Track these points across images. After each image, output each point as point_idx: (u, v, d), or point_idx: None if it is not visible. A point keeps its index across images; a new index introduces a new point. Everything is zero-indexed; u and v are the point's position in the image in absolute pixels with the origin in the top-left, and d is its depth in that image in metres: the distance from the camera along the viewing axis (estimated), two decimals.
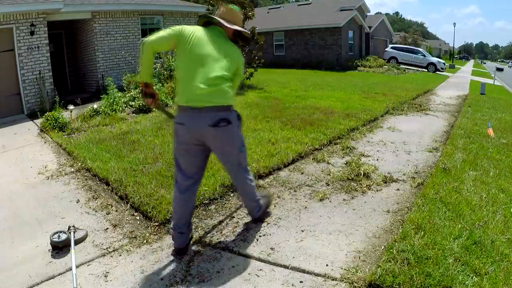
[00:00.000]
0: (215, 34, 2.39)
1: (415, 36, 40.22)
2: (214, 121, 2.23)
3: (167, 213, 2.96)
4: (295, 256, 2.40)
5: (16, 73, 7.98)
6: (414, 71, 21.26)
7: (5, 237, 2.87)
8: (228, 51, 2.38)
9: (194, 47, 2.29)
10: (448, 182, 3.42)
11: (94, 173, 4.01)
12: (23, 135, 6.16)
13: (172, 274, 2.30)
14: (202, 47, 2.30)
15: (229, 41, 2.45)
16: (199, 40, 2.31)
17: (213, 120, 2.23)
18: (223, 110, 2.28)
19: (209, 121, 2.23)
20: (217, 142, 2.35)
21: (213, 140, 2.32)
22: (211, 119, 2.23)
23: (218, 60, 2.29)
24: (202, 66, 2.26)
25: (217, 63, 2.28)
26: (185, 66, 2.30)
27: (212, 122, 2.23)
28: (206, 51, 2.29)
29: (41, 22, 8.20)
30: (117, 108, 7.15)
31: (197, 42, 2.30)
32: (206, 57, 2.28)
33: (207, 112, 2.23)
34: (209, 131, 2.25)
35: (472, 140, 4.94)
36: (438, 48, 58.55)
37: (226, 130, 2.30)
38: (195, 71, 2.26)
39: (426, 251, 2.29)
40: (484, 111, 7.51)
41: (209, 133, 2.27)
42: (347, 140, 5.01)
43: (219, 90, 2.26)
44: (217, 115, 2.24)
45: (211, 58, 2.28)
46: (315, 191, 3.41)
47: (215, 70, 2.26)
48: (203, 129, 2.25)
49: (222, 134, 2.30)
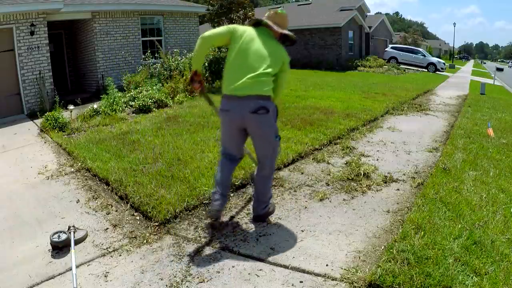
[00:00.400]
0: (264, 34, 2.65)
1: (415, 36, 40.22)
2: (254, 108, 2.48)
3: (167, 213, 2.96)
4: (295, 256, 2.40)
5: (16, 73, 7.98)
6: (414, 71, 21.27)
7: (5, 237, 2.87)
8: (274, 50, 2.61)
9: (245, 44, 2.56)
10: (448, 182, 3.43)
11: (94, 173, 4.01)
12: (23, 135, 6.16)
13: (172, 274, 2.30)
14: (252, 45, 2.57)
15: (276, 41, 2.69)
16: (250, 38, 2.59)
17: (253, 107, 2.47)
18: (262, 99, 2.50)
19: (250, 108, 2.48)
20: (256, 127, 2.59)
21: (253, 125, 2.57)
22: (252, 107, 2.48)
23: (265, 58, 2.54)
24: (250, 61, 2.53)
25: (264, 60, 2.53)
26: (234, 60, 2.57)
27: (252, 109, 2.47)
28: (255, 49, 2.56)
29: (41, 22, 8.20)
30: (117, 108, 7.15)
31: (248, 40, 2.58)
32: (254, 54, 2.54)
33: (248, 100, 2.48)
34: (250, 117, 2.50)
35: (472, 140, 4.94)
36: (438, 48, 58.56)
37: (264, 117, 2.53)
38: (243, 65, 2.53)
39: (426, 251, 2.29)
40: (484, 111, 7.51)
41: (249, 119, 2.52)
42: (347, 140, 5.01)
43: (261, 82, 2.51)
44: (257, 103, 2.48)
45: (258, 55, 2.54)
46: (315, 191, 3.41)
47: (261, 66, 2.51)
48: (244, 115, 2.51)
49: (260, 121, 2.53)
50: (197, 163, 4.00)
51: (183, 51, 10.86)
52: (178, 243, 2.66)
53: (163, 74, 9.37)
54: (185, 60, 9.83)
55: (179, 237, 2.74)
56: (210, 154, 4.28)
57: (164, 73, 9.41)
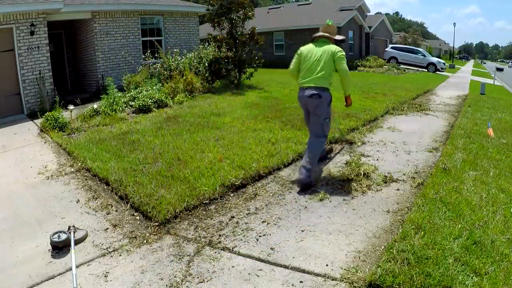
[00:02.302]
0: (319, 44, 3.74)
1: (415, 36, 40.17)
2: (310, 94, 3.59)
3: (167, 213, 2.96)
4: (295, 256, 2.40)
5: (16, 73, 7.97)
6: (414, 71, 21.26)
7: (5, 237, 2.87)
8: (324, 49, 3.64)
9: (305, 58, 3.72)
10: (448, 182, 3.42)
11: (94, 173, 4.01)
12: (23, 135, 6.16)
13: (172, 274, 2.30)
14: (312, 55, 3.69)
15: (328, 44, 3.70)
16: (308, 53, 3.73)
17: (309, 93, 3.59)
18: (316, 89, 3.57)
19: (308, 94, 3.60)
20: (311, 107, 3.66)
21: (310, 106, 3.67)
22: (309, 93, 3.60)
23: (318, 63, 3.60)
24: (309, 69, 3.65)
25: (317, 66, 3.60)
26: (302, 69, 3.73)
27: (308, 95, 3.60)
28: (313, 57, 3.66)
29: (41, 22, 8.20)
30: (117, 108, 7.15)
31: (307, 54, 3.73)
32: (311, 63, 3.65)
33: (308, 89, 3.62)
34: (308, 100, 3.64)
35: (472, 140, 4.94)
36: (438, 48, 58.54)
37: (316, 101, 3.57)
38: (305, 71, 3.68)
39: (426, 251, 2.29)
40: (484, 111, 7.50)
41: (308, 101, 3.65)
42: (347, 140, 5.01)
43: (316, 78, 3.60)
44: (312, 91, 3.58)
45: (314, 63, 3.62)
46: (315, 191, 3.41)
47: (315, 72, 3.60)
48: (306, 99, 3.65)
49: (314, 103, 3.60)
50: (197, 163, 4.00)
51: (183, 51, 10.86)
52: (178, 243, 2.66)
53: (163, 74, 9.37)
54: (185, 60, 9.83)
55: (179, 237, 2.74)
56: (210, 154, 4.28)
57: (164, 73, 9.40)
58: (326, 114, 3.65)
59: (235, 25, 10.47)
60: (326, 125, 3.69)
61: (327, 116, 3.66)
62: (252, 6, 10.84)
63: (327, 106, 3.64)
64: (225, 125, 5.69)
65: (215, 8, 10.41)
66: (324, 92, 3.60)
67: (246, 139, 4.84)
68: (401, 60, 23.37)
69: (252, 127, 5.53)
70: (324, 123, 3.66)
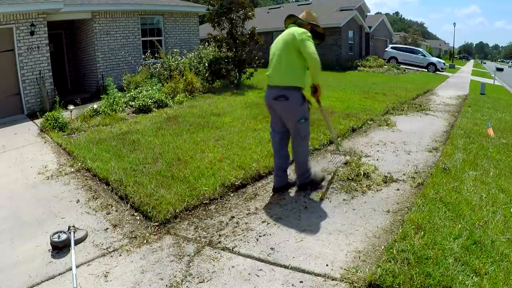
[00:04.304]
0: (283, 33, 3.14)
1: (415, 36, 40.15)
2: (274, 96, 3.07)
3: (167, 213, 2.96)
4: (295, 256, 2.40)
5: (16, 73, 7.98)
6: (414, 71, 21.25)
7: (5, 237, 2.87)
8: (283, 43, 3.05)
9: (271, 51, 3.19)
10: (448, 182, 3.42)
11: (94, 173, 4.01)
12: (23, 135, 6.16)
13: (172, 274, 2.30)
14: (272, 49, 3.19)
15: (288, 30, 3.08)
16: (273, 44, 3.21)
17: (274, 95, 3.07)
18: (282, 89, 3.02)
19: (273, 95, 3.09)
20: (279, 111, 3.14)
21: (277, 109, 3.14)
22: (273, 94, 3.08)
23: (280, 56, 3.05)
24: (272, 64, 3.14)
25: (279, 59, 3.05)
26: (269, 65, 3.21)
27: (273, 96, 3.08)
28: (272, 51, 3.16)
29: (41, 22, 8.20)
30: (117, 108, 7.15)
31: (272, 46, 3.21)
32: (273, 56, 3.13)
33: (272, 89, 3.11)
34: (272, 102, 3.13)
35: (472, 140, 4.94)
36: (438, 48, 58.51)
37: (283, 104, 3.04)
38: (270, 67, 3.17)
39: (426, 251, 2.29)
40: (484, 111, 7.50)
41: (272, 104, 3.14)
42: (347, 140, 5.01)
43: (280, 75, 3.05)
44: (277, 92, 3.04)
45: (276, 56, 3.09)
46: (315, 191, 3.41)
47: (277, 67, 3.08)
48: (270, 101, 3.15)
49: (280, 106, 3.08)
50: (197, 163, 4.00)
51: (183, 51, 10.86)
52: (178, 243, 2.66)
53: (163, 74, 9.37)
54: (185, 60, 9.83)
55: (179, 237, 2.74)
56: (210, 154, 4.28)
57: (164, 73, 9.40)
58: (301, 115, 3.08)
59: (235, 25, 10.48)
60: (303, 127, 3.14)
61: (302, 116, 3.09)
62: (252, 6, 10.84)
63: (300, 105, 3.05)
64: (225, 125, 5.69)
65: (215, 8, 10.42)
66: (291, 92, 3.00)
67: (246, 139, 4.84)
68: (401, 60, 23.38)
69: (252, 127, 5.53)
70: (300, 126, 3.11)
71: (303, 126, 3.13)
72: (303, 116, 3.10)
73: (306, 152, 3.31)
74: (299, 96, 3.04)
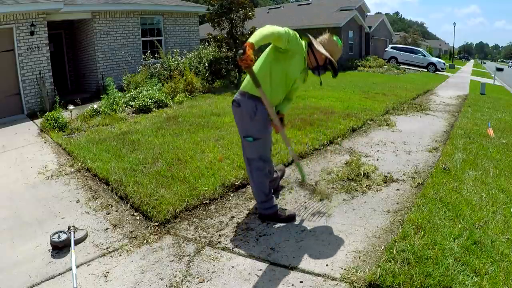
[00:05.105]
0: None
1: (415, 36, 40.17)
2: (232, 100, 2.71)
3: (167, 213, 2.96)
4: (295, 256, 2.40)
5: (16, 73, 7.98)
6: (414, 71, 21.25)
7: (5, 237, 2.87)
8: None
9: None
10: (448, 182, 3.42)
11: (94, 173, 4.01)
12: (23, 135, 6.16)
13: (172, 274, 2.30)
14: None
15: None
16: None
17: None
18: (238, 94, 2.67)
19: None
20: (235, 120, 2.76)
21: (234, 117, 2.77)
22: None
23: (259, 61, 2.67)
24: None
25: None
26: None
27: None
28: None
29: (41, 22, 8.20)
30: (117, 108, 7.15)
31: None
32: None
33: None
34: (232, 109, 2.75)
35: (472, 140, 4.94)
36: (438, 48, 58.54)
37: (234, 110, 2.71)
38: None
39: (426, 251, 2.29)
40: (484, 111, 7.50)
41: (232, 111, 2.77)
42: (347, 140, 5.01)
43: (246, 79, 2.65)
44: (235, 96, 2.69)
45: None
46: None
47: None
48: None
49: (233, 112, 2.74)
50: (197, 163, 4.00)
51: (183, 51, 10.87)
52: (178, 243, 2.66)
53: (163, 74, 9.37)
54: (185, 60, 9.83)
55: (179, 237, 2.74)
56: (210, 154, 4.28)
57: (164, 73, 9.41)
58: (247, 131, 2.59)
59: (235, 25, 10.48)
60: (249, 147, 2.63)
61: (248, 133, 2.59)
62: (252, 6, 10.85)
63: (250, 119, 2.55)
64: (225, 125, 5.69)
65: (215, 8, 10.43)
66: (244, 98, 2.57)
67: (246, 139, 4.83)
68: (401, 60, 23.39)
69: None
70: (245, 144, 2.64)
71: (249, 145, 2.62)
72: (250, 135, 2.58)
73: (258, 183, 2.69)
74: (253, 106, 2.53)
